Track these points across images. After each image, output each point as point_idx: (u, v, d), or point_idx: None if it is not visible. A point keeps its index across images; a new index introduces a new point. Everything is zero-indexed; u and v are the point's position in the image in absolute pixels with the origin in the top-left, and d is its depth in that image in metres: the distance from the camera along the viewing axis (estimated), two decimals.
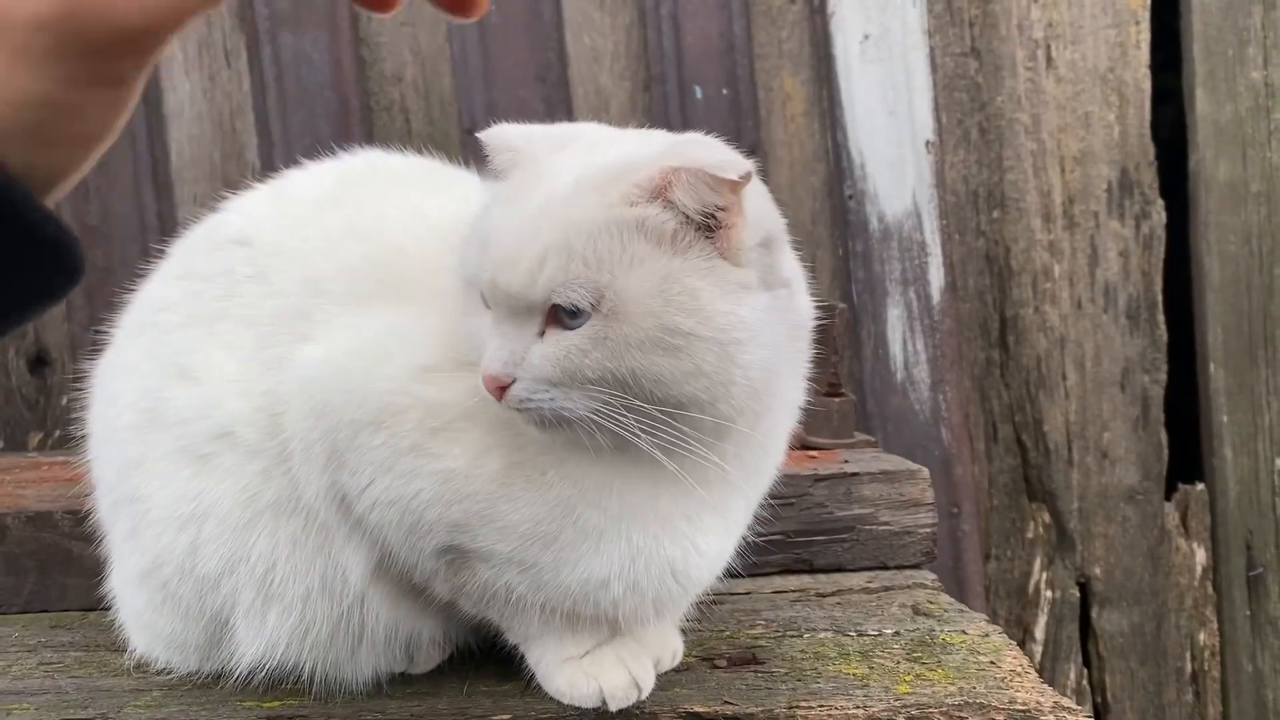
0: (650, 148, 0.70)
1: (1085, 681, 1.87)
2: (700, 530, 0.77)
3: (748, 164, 0.65)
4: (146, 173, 1.79)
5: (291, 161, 1.78)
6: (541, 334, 0.68)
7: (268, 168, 1.80)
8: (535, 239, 0.66)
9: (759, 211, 0.70)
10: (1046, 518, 1.87)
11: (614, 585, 0.75)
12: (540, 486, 0.74)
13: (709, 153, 0.67)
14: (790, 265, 0.76)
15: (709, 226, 0.67)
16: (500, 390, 0.67)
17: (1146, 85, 1.82)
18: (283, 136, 1.79)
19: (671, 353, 0.65)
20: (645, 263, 0.66)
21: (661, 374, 0.65)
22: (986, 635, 0.97)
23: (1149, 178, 1.83)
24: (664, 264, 0.66)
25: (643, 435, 0.67)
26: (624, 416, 0.66)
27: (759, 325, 0.68)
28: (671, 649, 0.90)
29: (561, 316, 0.67)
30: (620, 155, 0.68)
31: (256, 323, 0.83)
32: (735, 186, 0.65)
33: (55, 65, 0.43)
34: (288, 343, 0.81)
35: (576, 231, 0.66)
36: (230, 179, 1.80)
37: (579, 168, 0.69)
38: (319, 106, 1.79)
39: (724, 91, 1.82)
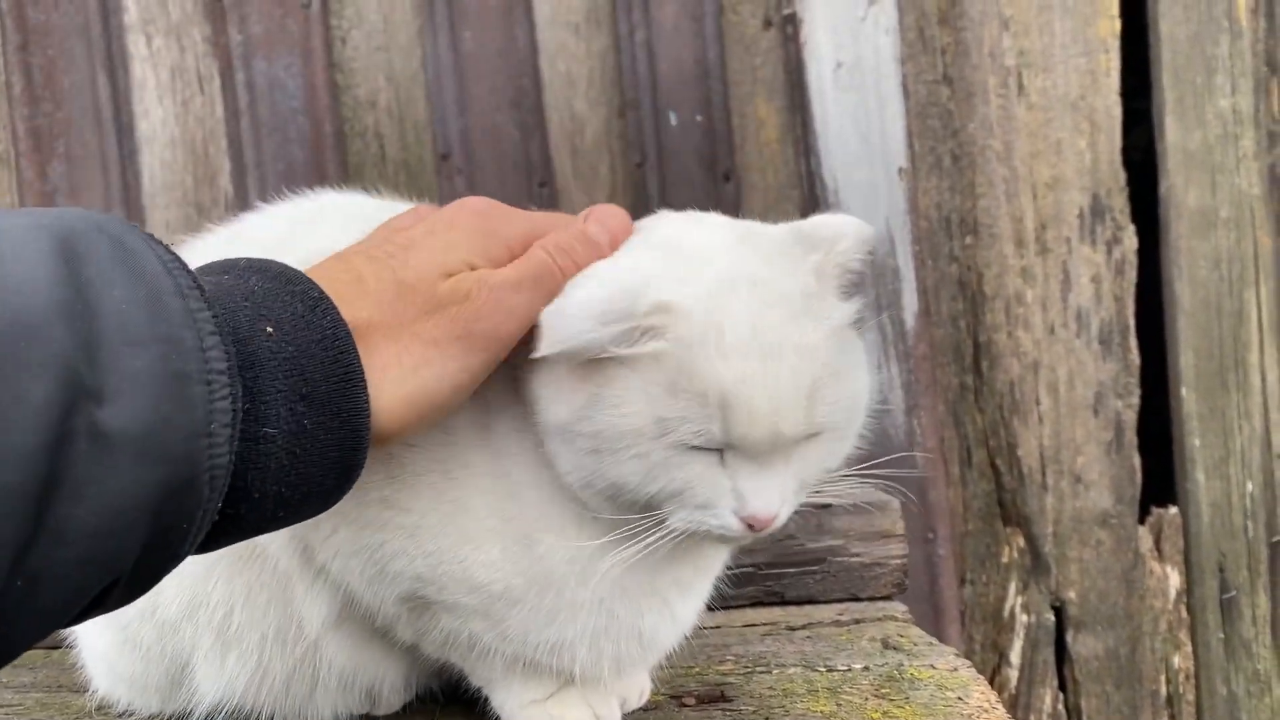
0: (773, 237, 0.71)
1: (1061, 705, 1.87)
2: (686, 596, 0.78)
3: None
4: (118, 198, 1.78)
5: (264, 187, 1.78)
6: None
7: (240, 194, 1.79)
8: (795, 379, 0.63)
9: None
10: (1021, 542, 1.87)
11: (578, 648, 0.75)
12: (522, 557, 0.73)
13: (855, 223, 0.70)
14: None
15: None
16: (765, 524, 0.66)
17: (1117, 112, 1.83)
18: (256, 162, 1.78)
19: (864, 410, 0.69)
20: (853, 345, 0.68)
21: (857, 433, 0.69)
22: (955, 670, 0.97)
23: (1120, 204, 1.84)
24: (854, 338, 0.68)
25: None
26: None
27: None
28: (639, 688, 0.90)
29: None
30: (793, 257, 0.68)
31: None
32: None
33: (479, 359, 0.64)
34: None
35: (826, 351, 0.65)
36: (203, 205, 1.80)
37: (758, 287, 0.66)
38: (292, 132, 1.79)
39: (698, 118, 1.82)
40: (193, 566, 0.79)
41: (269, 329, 0.53)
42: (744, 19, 1.83)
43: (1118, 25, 1.83)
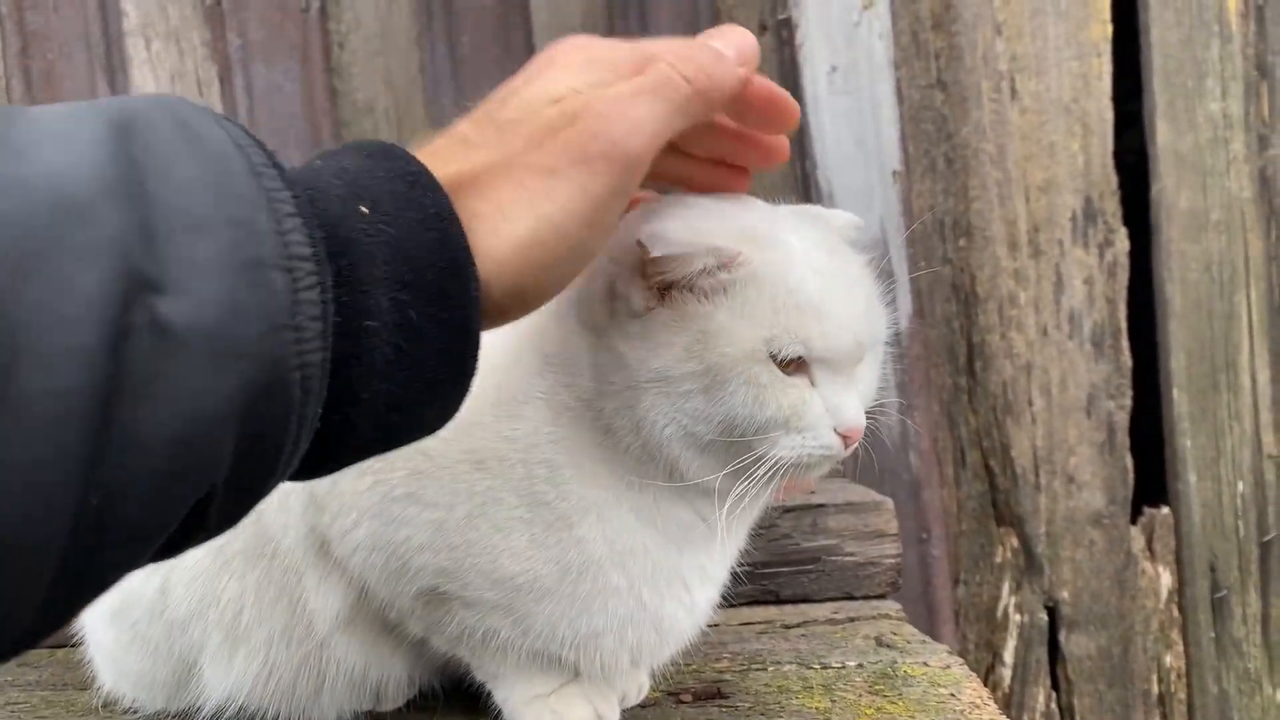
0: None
1: (1054, 705, 1.89)
2: (705, 584, 0.80)
3: None
4: None
5: None
6: None
7: None
8: (854, 296, 0.72)
9: None
10: (1014, 542, 1.89)
11: (605, 638, 0.76)
12: (554, 544, 0.74)
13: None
14: None
15: None
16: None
17: (1109, 116, 1.85)
18: None
19: None
20: (874, 281, 0.78)
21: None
22: (948, 667, 0.99)
23: (1112, 206, 1.86)
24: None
25: None
26: None
27: None
28: (638, 684, 0.91)
29: None
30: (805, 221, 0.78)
31: None
32: None
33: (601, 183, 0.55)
34: None
35: (865, 280, 0.75)
36: None
37: (806, 232, 0.75)
38: (291, 136, 1.80)
39: None
40: (205, 565, 0.80)
41: (363, 209, 0.48)
42: (739, 24, 1.84)
43: (1109, 29, 1.84)
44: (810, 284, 0.70)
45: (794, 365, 0.70)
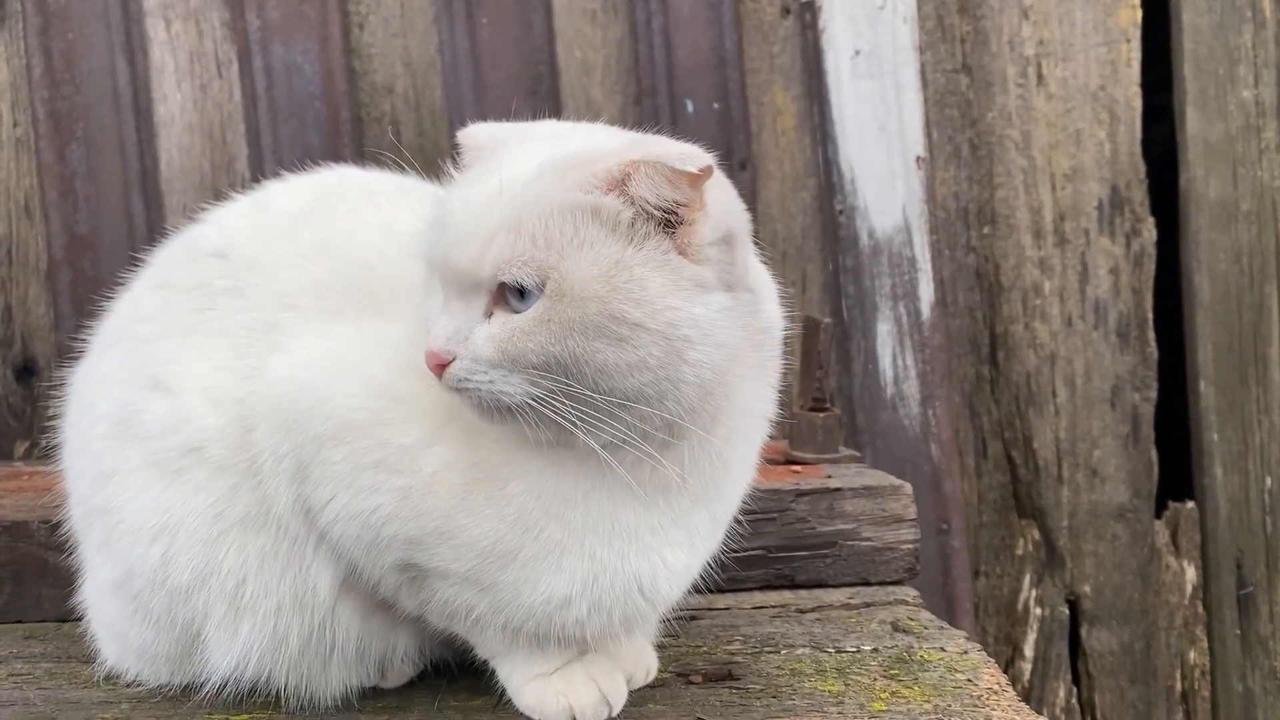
0: (613, 141, 0.71)
1: (1075, 700, 1.86)
2: (666, 543, 0.77)
3: (708, 158, 0.65)
4: (136, 183, 1.78)
5: (281, 172, 1.78)
6: (489, 315, 0.68)
7: (258, 178, 1.79)
8: (488, 217, 0.67)
9: (720, 207, 0.70)
10: (1036, 535, 1.86)
11: (576, 604, 0.75)
12: (500, 501, 0.73)
13: (669, 147, 0.67)
14: (756, 274, 0.77)
15: (668, 221, 0.67)
16: (441, 368, 0.68)
17: (1137, 103, 1.82)
18: (273, 147, 1.79)
19: (616, 342, 0.65)
20: (596, 247, 0.66)
21: (605, 363, 0.65)
22: (965, 653, 0.96)
23: (1139, 195, 1.83)
24: (616, 251, 0.66)
25: (583, 427, 0.66)
26: (563, 404, 0.66)
27: (712, 324, 0.68)
28: (645, 665, 0.89)
29: (509, 299, 0.67)
30: (583, 146, 0.69)
31: (231, 336, 0.82)
32: (695, 180, 0.65)
33: None
34: (260, 356, 0.80)
35: (529, 212, 0.66)
36: (220, 190, 1.80)
37: (540, 156, 0.69)
38: (309, 117, 1.79)
39: (715, 106, 1.82)
40: (204, 532, 0.79)
41: None
42: (761, 6, 1.82)
43: (1139, 15, 1.81)
44: (447, 195, 0.73)
45: None
